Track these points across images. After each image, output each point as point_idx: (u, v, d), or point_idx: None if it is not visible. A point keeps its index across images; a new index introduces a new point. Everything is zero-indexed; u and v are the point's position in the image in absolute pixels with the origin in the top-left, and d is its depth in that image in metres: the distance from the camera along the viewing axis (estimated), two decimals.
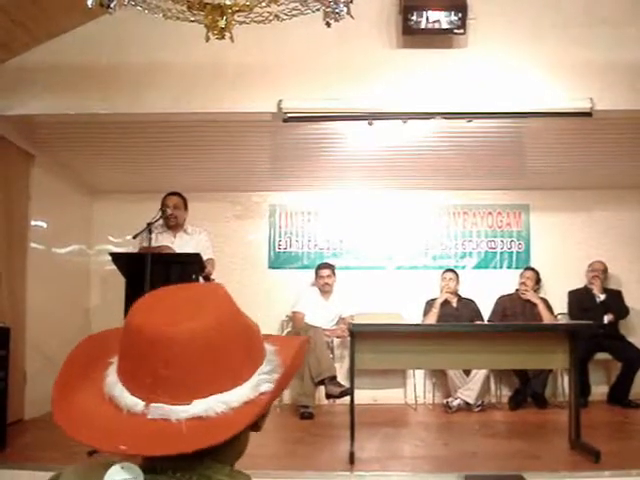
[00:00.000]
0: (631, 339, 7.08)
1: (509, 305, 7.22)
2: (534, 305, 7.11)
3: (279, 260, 7.87)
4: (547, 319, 6.98)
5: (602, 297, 7.12)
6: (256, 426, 1.09)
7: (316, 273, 7.31)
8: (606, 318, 6.91)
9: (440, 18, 5.16)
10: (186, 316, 1.01)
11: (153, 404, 0.98)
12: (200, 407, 0.98)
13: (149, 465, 1.01)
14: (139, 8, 3.47)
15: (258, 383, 1.04)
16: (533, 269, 7.38)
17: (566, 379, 6.36)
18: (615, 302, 7.14)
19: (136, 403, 1.00)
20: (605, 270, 7.34)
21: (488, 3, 5.30)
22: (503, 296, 7.32)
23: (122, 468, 1.00)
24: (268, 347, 1.12)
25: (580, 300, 7.21)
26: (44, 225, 6.65)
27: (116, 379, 1.04)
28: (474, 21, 5.23)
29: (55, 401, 1.07)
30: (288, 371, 1.09)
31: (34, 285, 6.26)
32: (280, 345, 1.15)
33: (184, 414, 0.97)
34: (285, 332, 7.14)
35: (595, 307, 7.03)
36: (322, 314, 7.10)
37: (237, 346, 1.03)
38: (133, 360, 1.02)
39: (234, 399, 1.00)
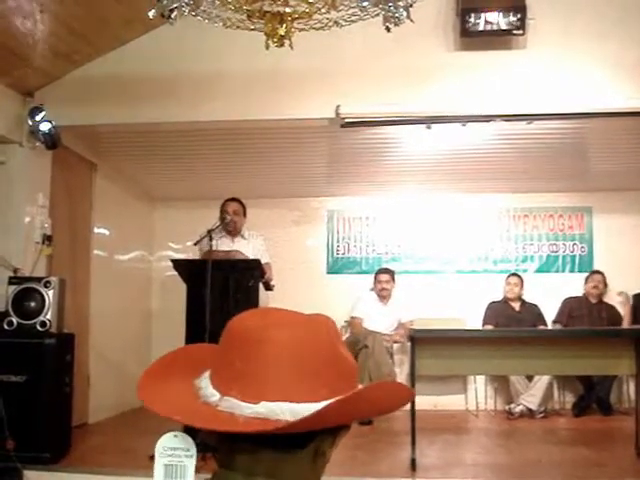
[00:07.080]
0: None
1: (576, 307, 7.11)
2: (601, 308, 6.99)
3: (337, 265, 7.88)
4: (627, 323, 6.86)
5: None
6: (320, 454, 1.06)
7: (375, 278, 7.30)
8: None
9: (498, 19, 5.09)
10: (280, 322, 1.04)
11: (226, 397, 1.01)
12: (265, 409, 0.97)
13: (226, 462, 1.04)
14: (199, 18, 3.51)
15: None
16: (601, 272, 7.21)
17: (632, 385, 6.20)
18: None
19: (213, 394, 1.03)
20: None
21: (547, 3, 5.21)
22: (570, 298, 7.21)
23: (175, 437, 1.02)
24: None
25: None
26: (106, 232, 6.79)
27: (207, 374, 1.08)
28: (533, 21, 5.14)
29: (143, 380, 1.11)
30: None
31: (97, 291, 6.40)
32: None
33: (248, 410, 0.98)
34: (344, 338, 7.11)
35: None
36: (381, 319, 7.07)
37: (320, 366, 1.02)
38: (220, 353, 1.07)
39: (300, 412, 0.97)
